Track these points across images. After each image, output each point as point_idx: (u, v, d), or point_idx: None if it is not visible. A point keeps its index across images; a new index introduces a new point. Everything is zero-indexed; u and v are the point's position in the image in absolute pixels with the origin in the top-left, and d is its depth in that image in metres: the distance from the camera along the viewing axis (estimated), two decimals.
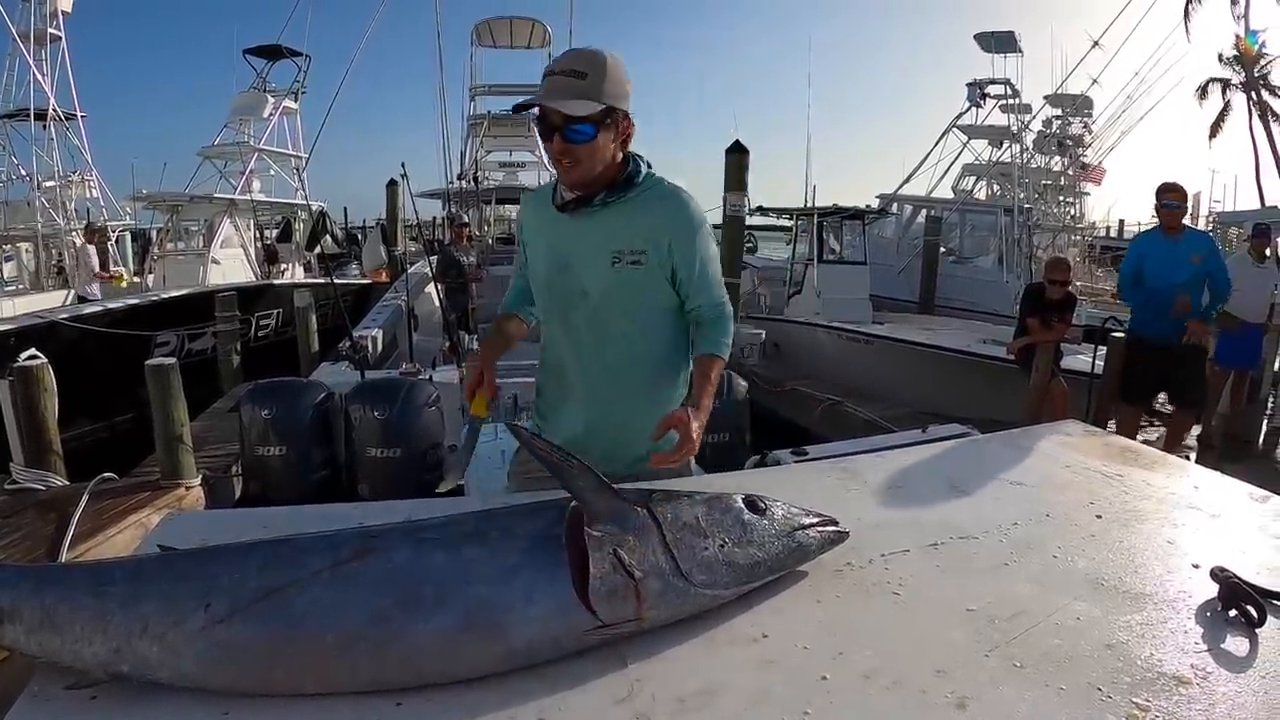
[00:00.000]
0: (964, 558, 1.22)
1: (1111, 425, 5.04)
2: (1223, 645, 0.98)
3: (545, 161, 15.56)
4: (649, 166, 1.65)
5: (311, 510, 1.61)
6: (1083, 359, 5.63)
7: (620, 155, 1.61)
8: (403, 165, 7.12)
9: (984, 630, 1.01)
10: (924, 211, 12.71)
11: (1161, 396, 5.27)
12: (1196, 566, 1.17)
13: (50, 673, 0.96)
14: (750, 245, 13.41)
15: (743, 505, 1.14)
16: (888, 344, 8.19)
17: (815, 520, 1.19)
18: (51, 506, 4.22)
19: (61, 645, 0.95)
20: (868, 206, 12.23)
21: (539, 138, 1.69)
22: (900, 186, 13.50)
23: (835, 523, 1.21)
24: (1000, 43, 14.47)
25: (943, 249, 12.20)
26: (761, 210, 11.20)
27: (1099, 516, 1.36)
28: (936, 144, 13.88)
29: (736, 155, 10.34)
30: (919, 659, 0.94)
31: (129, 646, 0.93)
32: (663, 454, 1.49)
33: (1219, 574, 1.09)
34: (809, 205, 10.78)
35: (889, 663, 0.94)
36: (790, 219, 10.99)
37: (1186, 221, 5.42)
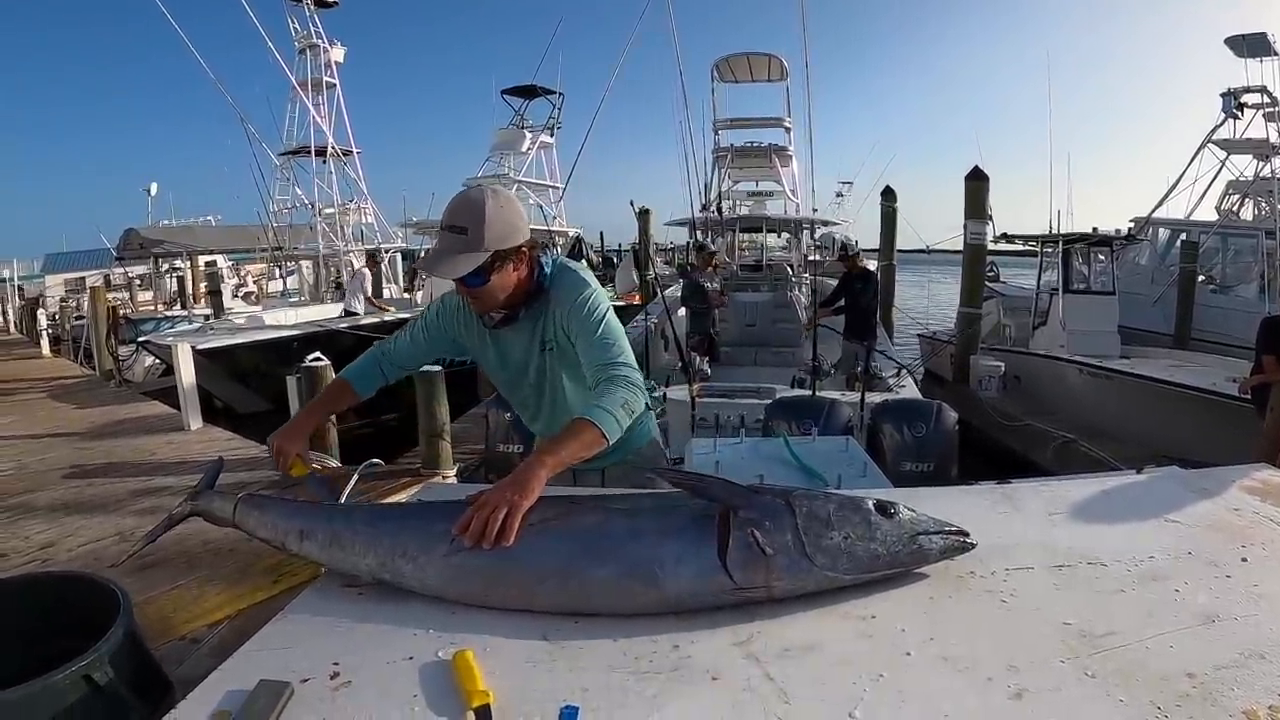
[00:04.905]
0: (1084, 581, 1.30)
1: None
2: None
3: (788, 192, 15.76)
4: (552, 261, 1.82)
5: None
6: None
7: (526, 271, 1.75)
8: (638, 208, 7.57)
9: (1070, 641, 1.10)
10: (1181, 235, 11.49)
11: None
12: None
13: (330, 576, 1.41)
14: (992, 274, 12.82)
15: (872, 507, 1.33)
16: (1127, 380, 7.55)
17: (940, 529, 1.34)
18: (324, 483, 5.09)
19: (343, 558, 1.40)
20: (1117, 232, 11.24)
21: None
22: (1154, 209, 12.27)
23: (965, 534, 1.35)
24: (1253, 46, 12.71)
25: (1201, 277, 10.91)
26: (1006, 237, 10.73)
27: (1244, 560, 1.35)
28: (1191, 161, 12.57)
29: (976, 182, 9.96)
30: (998, 653, 1.07)
31: (391, 563, 1.34)
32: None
33: None
34: (1053, 231, 10.11)
35: (970, 652, 1.08)
36: (1035, 246, 10.42)
37: None
